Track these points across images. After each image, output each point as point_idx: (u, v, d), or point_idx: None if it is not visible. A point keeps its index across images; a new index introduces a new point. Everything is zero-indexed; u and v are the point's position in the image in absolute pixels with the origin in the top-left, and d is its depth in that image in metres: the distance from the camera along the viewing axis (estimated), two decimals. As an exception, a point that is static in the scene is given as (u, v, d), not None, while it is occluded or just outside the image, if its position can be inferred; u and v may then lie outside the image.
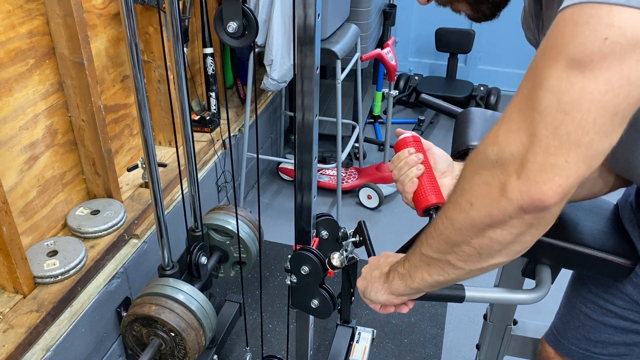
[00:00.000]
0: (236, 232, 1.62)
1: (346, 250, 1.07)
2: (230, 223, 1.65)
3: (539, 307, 1.30)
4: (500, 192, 0.64)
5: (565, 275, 1.10)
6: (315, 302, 1.14)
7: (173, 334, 1.38)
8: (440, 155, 0.98)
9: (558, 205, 0.63)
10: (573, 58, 0.57)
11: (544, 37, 0.62)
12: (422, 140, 0.98)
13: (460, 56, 3.72)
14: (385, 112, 2.95)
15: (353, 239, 1.08)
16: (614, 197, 1.07)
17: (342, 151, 2.49)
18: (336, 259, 1.06)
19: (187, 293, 1.42)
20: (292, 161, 1.77)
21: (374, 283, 0.90)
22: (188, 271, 1.59)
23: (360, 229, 1.08)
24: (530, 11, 0.95)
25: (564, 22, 0.59)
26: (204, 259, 1.59)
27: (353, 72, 2.67)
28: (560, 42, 0.59)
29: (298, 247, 1.15)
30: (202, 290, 1.52)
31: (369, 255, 1.05)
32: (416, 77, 3.87)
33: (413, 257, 0.82)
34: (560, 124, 0.59)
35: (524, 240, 0.68)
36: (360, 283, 0.94)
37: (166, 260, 1.49)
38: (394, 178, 0.96)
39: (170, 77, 1.92)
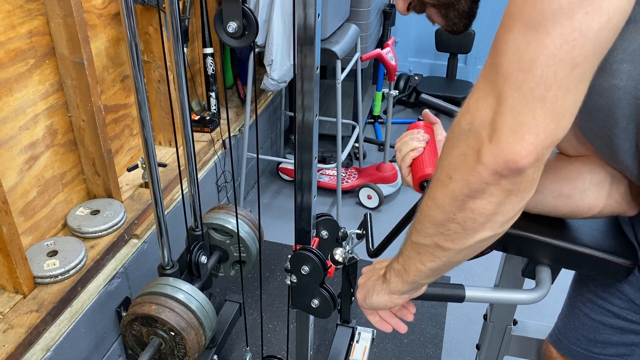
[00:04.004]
0: (236, 231, 1.62)
1: (349, 244, 1.08)
2: (230, 222, 1.65)
3: (540, 307, 1.30)
4: (475, 159, 0.64)
5: (567, 275, 1.10)
6: (315, 302, 1.14)
7: (173, 333, 1.38)
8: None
9: (533, 167, 0.63)
10: (527, 20, 0.60)
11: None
12: (432, 115, 1.03)
13: (460, 56, 3.72)
14: (385, 112, 2.95)
15: (357, 231, 1.09)
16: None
17: (342, 151, 2.49)
18: (339, 254, 1.07)
19: (187, 292, 1.42)
20: (292, 161, 1.77)
21: (373, 287, 0.90)
22: (188, 270, 1.59)
23: (365, 222, 1.09)
24: None
25: None
26: (204, 258, 1.59)
27: (353, 72, 2.67)
28: (514, 9, 0.62)
29: (298, 247, 1.15)
30: (202, 289, 1.51)
31: (368, 249, 1.05)
32: (416, 77, 3.87)
33: (405, 250, 0.82)
34: (523, 82, 0.61)
35: (505, 210, 0.67)
36: (359, 293, 0.93)
37: (166, 259, 1.49)
38: (396, 149, 1.00)
39: (170, 77, 1.92)
